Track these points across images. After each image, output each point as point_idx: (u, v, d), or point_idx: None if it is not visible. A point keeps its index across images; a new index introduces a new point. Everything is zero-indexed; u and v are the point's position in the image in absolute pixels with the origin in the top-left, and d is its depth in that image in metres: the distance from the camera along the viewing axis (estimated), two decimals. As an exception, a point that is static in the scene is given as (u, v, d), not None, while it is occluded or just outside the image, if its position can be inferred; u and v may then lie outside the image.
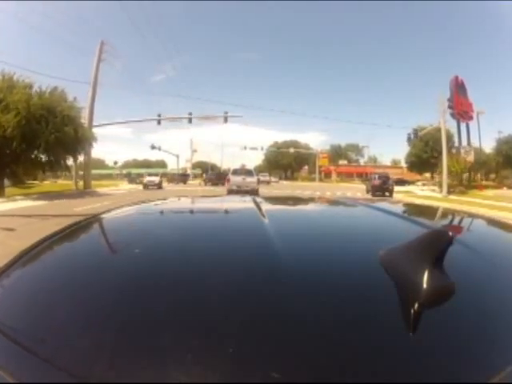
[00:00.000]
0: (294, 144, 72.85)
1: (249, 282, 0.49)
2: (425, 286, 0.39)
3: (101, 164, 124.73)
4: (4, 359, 0.37)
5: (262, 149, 65.29)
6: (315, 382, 0.32)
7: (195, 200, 1.26)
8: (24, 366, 0.36)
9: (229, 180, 18.58)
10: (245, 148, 61.17)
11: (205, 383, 0.32)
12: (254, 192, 14.95)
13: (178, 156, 61.49)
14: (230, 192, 15.97)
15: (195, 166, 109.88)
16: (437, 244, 0.41)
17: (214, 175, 38.99)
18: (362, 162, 78.06)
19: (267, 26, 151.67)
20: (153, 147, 45.80)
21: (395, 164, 72.71)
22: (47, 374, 0.34)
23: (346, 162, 72.80)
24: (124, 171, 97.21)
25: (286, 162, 77.90)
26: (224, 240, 0.68)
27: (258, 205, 0.95)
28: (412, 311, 0.39)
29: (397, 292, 0.43)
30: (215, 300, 0.43)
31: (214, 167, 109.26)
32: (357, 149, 79.41)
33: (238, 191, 16.55)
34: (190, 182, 44.71)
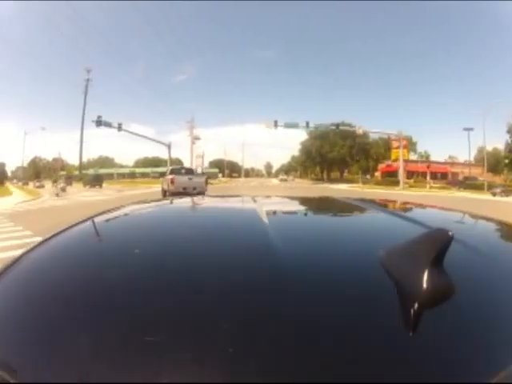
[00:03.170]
0: (348, 126, 43.11)
1: (249, 282, 0.49)
2: (425, 285, 0.39)
3: (109, 162, 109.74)
4: (4, 359, 0.37)
5: (307, 125, 37.00)
6: (315, 382, 0.32)
7: (195, 200, 1.26)
8: (24, 366, 0.36)
9: (172, 181, 16.05)
10: (275, 126, 36.13)
11: (204, 383, 0.33)
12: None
13: (169, 145, 41.74)
14: (172, 195, 13.98)
15: (212, 164, 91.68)
16: (437, 244, 0.41)
17: (92, 177, 39.92)
18: (411, 158, 59.06)
19: (284, 24, 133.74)
20: (98, 124, 28.94)
21: (453, 161, 57.58)
22: (47, 373, 0.34)
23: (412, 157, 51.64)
24: (120, 171, 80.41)
25: (338, 154, 54.20)
26: (224, 240, 0.69)
27: (258, 205, 0.96)
28: (412, 311, 0.39)
29: (397, 292, 0.43)
30: (215, 300, 0.44)
31: (233, 165, 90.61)
32: (410, 143, 58.47)
33: (183, 194, 14.72)
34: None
